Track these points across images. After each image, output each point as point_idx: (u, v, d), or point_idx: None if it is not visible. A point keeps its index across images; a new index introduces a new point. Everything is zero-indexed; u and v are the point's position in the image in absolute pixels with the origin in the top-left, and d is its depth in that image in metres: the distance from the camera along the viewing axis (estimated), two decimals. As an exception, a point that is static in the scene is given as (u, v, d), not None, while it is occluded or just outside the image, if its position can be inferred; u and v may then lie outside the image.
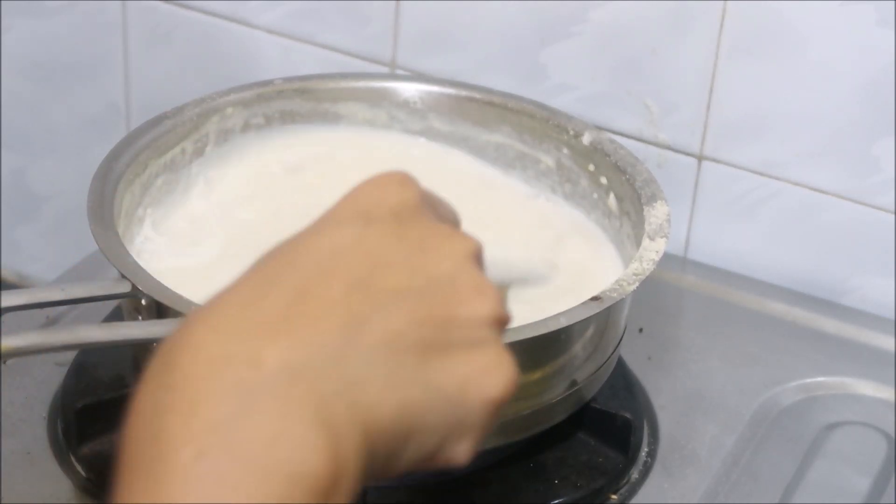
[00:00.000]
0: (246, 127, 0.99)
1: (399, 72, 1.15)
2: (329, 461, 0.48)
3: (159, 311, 0.80)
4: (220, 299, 0.52)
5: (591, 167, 0.97)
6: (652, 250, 0.86)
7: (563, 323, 0.80)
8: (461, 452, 0.54)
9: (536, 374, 0.83)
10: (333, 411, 0.49)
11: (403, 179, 0.57)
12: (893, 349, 1.02)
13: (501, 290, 0.57)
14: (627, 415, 0.91)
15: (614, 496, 0.88)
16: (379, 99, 1.02)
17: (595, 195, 0.97)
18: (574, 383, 0.85)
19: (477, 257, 0.57)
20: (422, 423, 0.52)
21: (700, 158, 1.09)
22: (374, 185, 0.57)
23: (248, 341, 0.49)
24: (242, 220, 0.96)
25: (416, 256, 0.54)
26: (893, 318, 1.06)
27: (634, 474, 0.90)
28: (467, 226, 0.62)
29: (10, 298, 0.77)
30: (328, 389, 0.49)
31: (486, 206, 0.98)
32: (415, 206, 0.57)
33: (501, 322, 0.55)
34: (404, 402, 0.51)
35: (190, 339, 0.50)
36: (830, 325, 1.04)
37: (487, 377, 0.54)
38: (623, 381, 0.95)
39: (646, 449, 0.92)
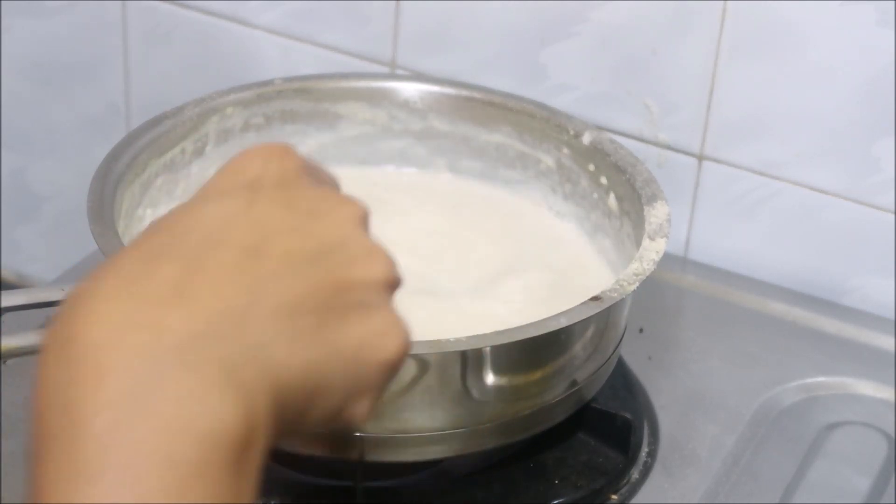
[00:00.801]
0: (246, 127, 0.99)
1: (399, 72, 1.15)
2: (243, 421, 0.49)
3: (159, 311, 0.79)
4: (111, 271, 0.51)
5: (591, 167, 0.97)
6: (652, 250, 0.86)
7: (563, 323, 0.80)
8: (361, 411, 0.55)
9: (536, 374, 0.83)
10: (242, 373, 0.49)
11: (284, 149, 0.58)
12: (893, 349, 1.02)
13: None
14: (627, 415, 0.90)
15: (614, 496, 0.88)
16: (379, 99, 1.02)
17: (595, 195, 0.97)
18: (574, 383, 0.85)
19: (364, 220, 0.57)
20: (325, 382, 0.53)
21: (700, 158, 1.09)
22: (255, 155, 0.57)
23: (149, 310, 0.49)
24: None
25: (307, 223, 0.55)
26: (893, 318, 1.06)
27: (634, 474, 0.90)
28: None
29: (10, 298, 0.77)
30: (235, 352, 0.50)
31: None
32: (298, 174, 0.57)
33: (393, 284, 0.57)
34: (309, 363, 0.52)
35: (90, 308, 0.50)
36: (830, 325, 1.04)
37: (382, 339, 0.55)
38: (623, 381, 0.95)
39: (646, 449, 0.92)
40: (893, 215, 1.04)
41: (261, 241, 0.53)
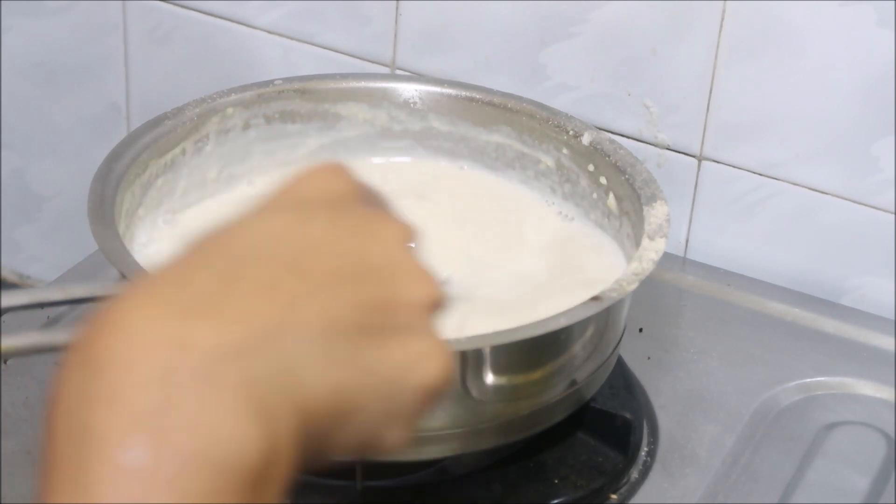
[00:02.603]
0: (246, 127, 0.99)
1: (399, 72, 1.15)
2: (263, 448, 0.47)
3: (159, 311, 0.80)
4: (148, 280, 0.50)
5: (591, 167, 0.97)
6: (651, 250, 0.86)
7: (563, 323, 0.80)
8: (394, 438, 0.54)
9: (536, 374, 0.83)
10: (267, 394, 0.48)
11: (338, 170, 0.57)
12: (893, 349, 1.02)
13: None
14: (627, 415, 0.91)
15: (614, 496, 0.88)
16: (379, 99, 1.02)
17: (595, 195, 0.97)
18: (574, 383, 0.85)
19: (411, 241, 0.56)
20: (356, 407, 0.51)
21: (700, 159, 1.09)
22: (310, 175, 0.56)
23: (176, 323, 0.47)
24: (242, 220, 0.96)
25: (352, 241, 0.53)
26: (893, 318, 1.06)
27: (634, 474, 0.90)
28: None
29: (10, 298, 0.77)
30: (262, 372, 0.48)
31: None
32: (350, 196, 0.56)
33: (438, 306, 0.55)
34: (339, 386, 0.50)
35: (114, 320, 0.48)
36: (830, 325, 1.04)
37: (423, 364, 0.53)
38: (623, 381, 0.95)
39: (645, 449, 0.92)
40: (893, 215, 1.04)
41: (302, 256, 0.51)
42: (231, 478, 0.46)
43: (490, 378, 0.81)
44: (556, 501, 0.86)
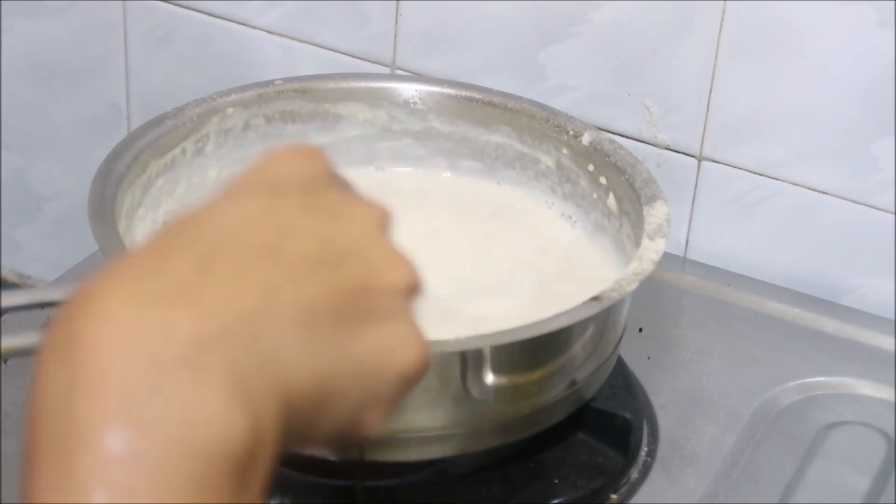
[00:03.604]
0: (246, 127, 0.99)
1: (399, 72, 1.15)
2: (248, 433, 0.47)
3: (159, 311, 0.80)
4: (123, 266, 0.50)
5: (591, 167, 0.97)
6: (652, 250, 0.86)
7: (563, 323, 0.80)
8: (373, 422, 0.54)
9: (536, 374, 0.83)
10: (250, 381, 0.48)
11: (309, 151, 0.56)
12: (893, 349, 1.02)
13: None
14: (627, 415, 0.91)
15: (614, 496, 0.88)
16: (379, 99, 1.02)
17: (595, 195, 0.97)
18: (574, 383, 0.85)
19: (386, 225, 0.56)
20: (337, 392, 0.52)
21: (700, 159, 1.09)
22: (281, 156, 0.56)
23: (157, 310, 0.47)
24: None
25: (327, 225, 0.53)
26: (893, 318, 1.06)
27: (634, 474, 0.90)
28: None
29: (10, 298, 0.77)
30: (243, 359, 0.48)
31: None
32: (323, 178, 0.56)
33: (414, 290, 0.55)
34: (321, 371, 0.50)
35: (94, 307, 0.48)
36: (830, 325, 1.04)
37: (400, 350, 0.53)
38: (623, 381, 0.95)
39: (646, 449, 0.92)
40: (893, 215, 1.04)
41: (278, 242, 0.51)
42: (217, 463, 0.46)
43: (490, 378, 0.81)
44: (556, 501, 0.86)
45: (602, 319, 0.84)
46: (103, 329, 0.47)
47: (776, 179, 1.07)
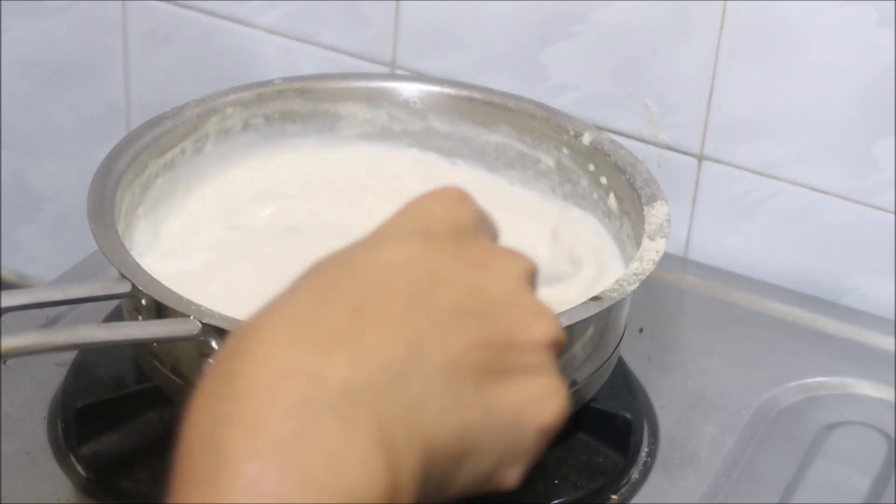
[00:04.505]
0: (246, 127, 0.99)
1: (399, 72, 1.15)
2: (387, 483, 0.48)
3: (159, 311, 0.80)
4: (277, 310, 0.51)
5: (591, 167, 0.97)
6: (652, 250, 0.86)
7: (563, 323, 0.80)
8: (512, 477, 0.54)
9: (536, 374, 0.83)
10: (393, 432, 0.49)
11: (461, 196, 0.57)
12: (893, 349, 1.02)
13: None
14: (627, 415, 0.91)
15: (614, 496, 0.88)
16: (379, 99, 1.02)
17: (595, 195, 0.97)
18: (574, 383, 0.85)
19: (531, 278, 0.56)
20: (477, 447, 0.52)
21: (700, 158, 1.09)
22: (432, 200, 0.56)
23: (311, 355, 0.49)
24: (243, 221, 0.96)
25: (475, 275, 0.54)
26: (893, 318, 1.06)
27: (634, 474, 0.90)
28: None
29: (10, 298, 0.77)
30: (389, 410, 0.49)
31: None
32: (472, 224, 0.56)
33: (558, 345, 0.55)
34: (462, 426, 0.51)
35: (251, 349, 0.49)
36: (830, 325, 1.04)
37: (542, 404, 0.53)
38: (623, 381, 0.95)
39: (646, 449, 0.92)
40: (893, 215, 1.04)
41: (428, 290, 0.52)
42: None
43: (490, 378, 0.80)
44: (556, 502, 0.86)
45: (602, 319, 0.84)
46: (260, 371, 0.48)
47: (776, 179, 1.07)
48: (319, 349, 0.49)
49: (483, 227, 0.58)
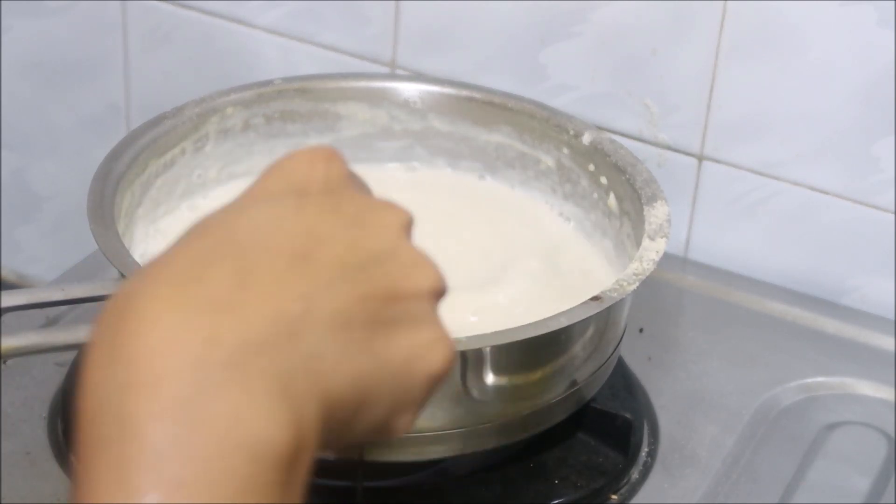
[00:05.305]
0: (246, 127, 0.99)
1: (399, 72, 1.15)
2: (292, 434, 0.48)
3: (159, 311, 0.79)
4: (160, 271, 0.51)
5: (591, 167, 0.97)
6: (652, 250, 0.86)
7: (563, 323, 0.80)
8: (403, 424, 0.55)
9: (536, 374, 0.83)
10: (294, 385, 0.49)
11: (330, 152, 0.57)
12: (893, 349, 1.02)
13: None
14: (627, 415, 0.91)
15: (614, 496, 0.88)
16: (379, 99, 1.02)
17: (595, 195, 0.97)
18: (574, 383, 0.85)
19: (409, 228, 0.57)
20: (372, 394, 0.53)
21: (700, 158, 1.09)
22: (301, 158, 0.57)
23: (202, 316, 0.49)
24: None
25: (354, 230, 0.54)
26: (893, 318, 1.06)
27: (634, 474, 0.90)
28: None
29: (10, 298, 0.77)
30: (287, 364, 0.49)
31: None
32: (344, 180, 0.57)
33: (440, 293, 0.56)
34: (356, 375, 0.52)
35: (141, 311, 0.49)
36: (830, 325, 1.04)
37: (429, 353, 0.55)
38: (623, 381, 0.95)
39: (646, 449, 0.92)
40: (893, 215, 1.04)
41: (310, 247, 0.52)
42: (263, 462, 0.48)
43: (490, 378, 0.81)
44: (556, 502, 0.86)
45: (602, 319, 0.84)
46: (152, 332, 0.48)
47: (776, 179, 1.07)
48: (209, 311, 0.49)
49: (355, 183, 0.58)
